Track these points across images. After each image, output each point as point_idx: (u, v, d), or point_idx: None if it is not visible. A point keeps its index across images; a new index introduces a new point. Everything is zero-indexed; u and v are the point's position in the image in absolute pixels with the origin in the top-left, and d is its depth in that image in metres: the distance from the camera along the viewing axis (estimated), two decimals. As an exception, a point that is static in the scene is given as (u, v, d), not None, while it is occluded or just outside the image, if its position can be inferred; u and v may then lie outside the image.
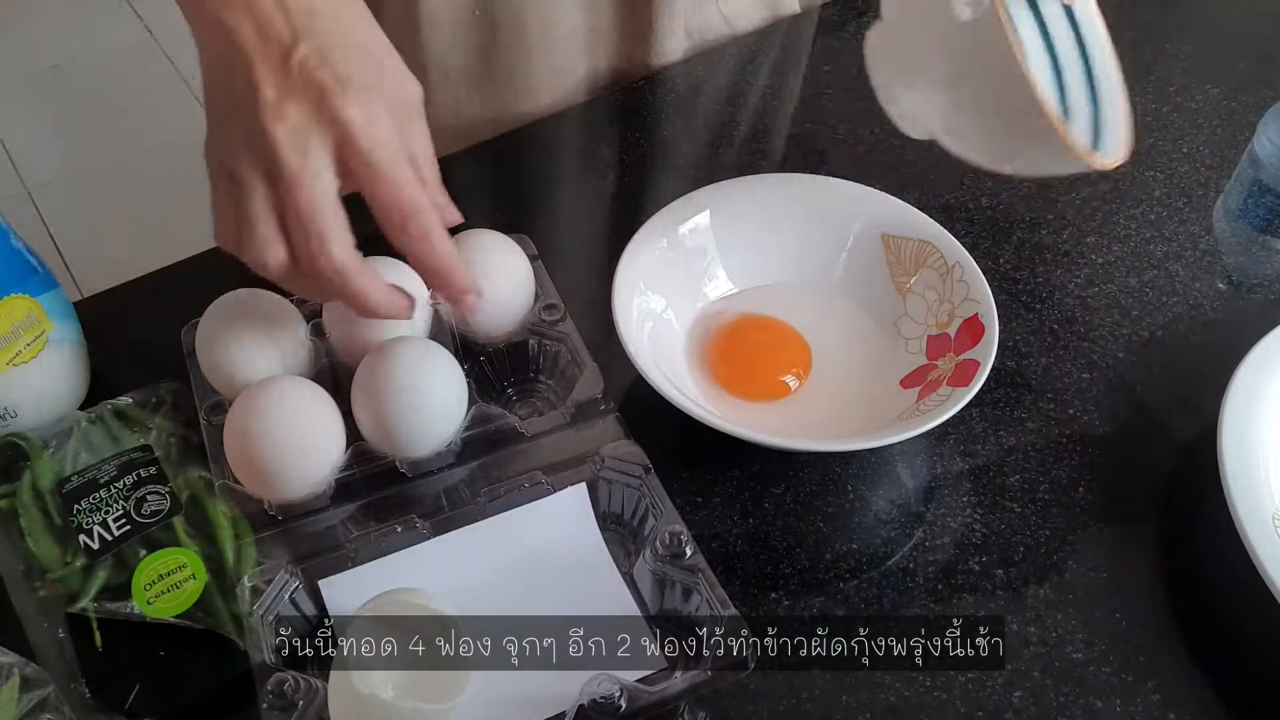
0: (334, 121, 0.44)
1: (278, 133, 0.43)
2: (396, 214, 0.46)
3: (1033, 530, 0.55)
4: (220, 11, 0.44)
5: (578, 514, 0.51)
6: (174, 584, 0.49)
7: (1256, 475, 0.52)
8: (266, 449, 0.49)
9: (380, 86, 0.45)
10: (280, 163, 0.43)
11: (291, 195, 0.44)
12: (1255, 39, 0.84)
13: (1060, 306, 0.65)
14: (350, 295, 0.46)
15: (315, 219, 0.44)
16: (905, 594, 0.52)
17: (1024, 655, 0.50)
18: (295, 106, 0.43)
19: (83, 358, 0.58)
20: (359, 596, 0.46)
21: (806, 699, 0.49)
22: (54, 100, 2.13)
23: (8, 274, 0.54)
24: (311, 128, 0.44)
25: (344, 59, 0.44)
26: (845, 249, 0.63)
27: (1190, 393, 0.61)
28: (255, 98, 0.43)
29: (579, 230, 0.69)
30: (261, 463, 0.49)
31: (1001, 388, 0.61)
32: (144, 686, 0.47)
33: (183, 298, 0.56)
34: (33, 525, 0.51)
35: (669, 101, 0.78)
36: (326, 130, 0.44)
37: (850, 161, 0.71)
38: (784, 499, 0.55)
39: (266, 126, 0.43)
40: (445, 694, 0.44)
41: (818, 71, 0.80)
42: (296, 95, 0.43)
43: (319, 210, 0.44)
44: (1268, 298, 0.66)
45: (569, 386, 0.55)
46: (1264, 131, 0.72)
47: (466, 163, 0.73)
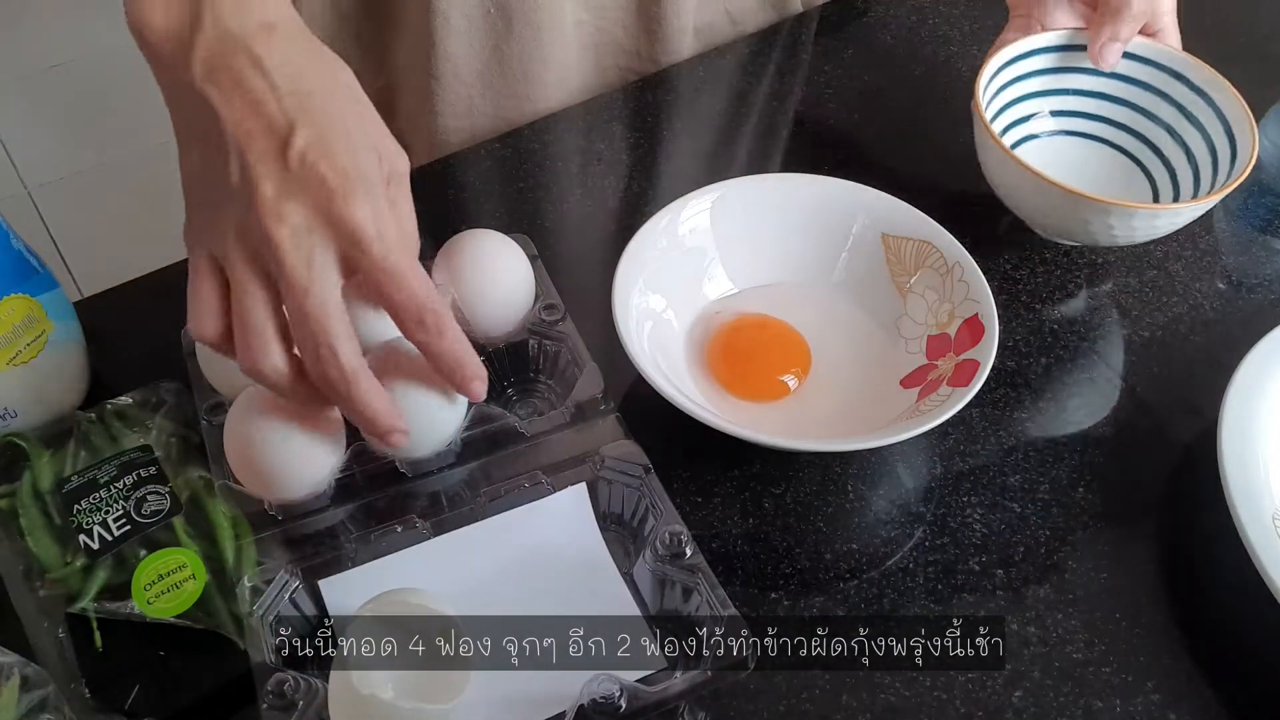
0: (341, 223, 0.41)
1: (280, 235, 0.40)
2: (413, 312, 0.44)
3: (1033, 530, 0.55)
4: (204, 85, 0.41)
5: (578, 514, 0.51)
6: (174, 584, 0.49)
7: (1256, 475, 0.52)
8: (266, 449, 0.49)
9: (379, 173, 0.43)
10: (284, 267, 0.41)
11: (297, 303, 0.41)
12: (1255, 39, 0.84)
13: (1060, 306, 0.65)
14: (353, 401, 0.44)
15: (325, 327, 0.42)
16: (905, 594, 0.52)
17: (1024, 655, 0.50)
18: (297, 206, 0.41)
19: (83, 358, 0.58)
20: (359, 596, 0.46)
21: (806, 699, 0.49)
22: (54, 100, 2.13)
23: (8, 274, 0.54)
24: (316, 229, 0.41)
25: (345, 148, 0.42)
26: (845, 249, 0.63)
27: (1190, 393, 0.61)
28: (252, 193, 0.41)
29: (579, 230, 0.69)
30: (261, 463, 0.49)
31: (1001, 388, 0.61)
32: (144, 686, 0.47)
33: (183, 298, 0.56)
34: (33, 525, 0.51)
35: (669, 101, 0.78)
36: (332, 233, 0.41)
37: (850, 161, 0.71)
38: (784, 499, 0.55)
39: (268, 228, 0.40)
40: (446, 694, 0.44)
41: (818, 71, 0.80)
42: (298, 193, 0.41)
43: (328, 317, 0.42)
44: (1268, 298, 0.66)
45: (569, 386, 0.55)
46: (1264, 131, 0.72)
47: (466, 163, 0.73)
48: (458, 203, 0.70)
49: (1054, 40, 0.67)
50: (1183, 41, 0.67)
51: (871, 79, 0.79)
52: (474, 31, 0.72)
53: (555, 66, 0.75)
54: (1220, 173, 0.62)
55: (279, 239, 0.41)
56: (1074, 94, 0.68)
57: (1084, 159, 0.68)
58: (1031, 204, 0.63)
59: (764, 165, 0.73)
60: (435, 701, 0.43)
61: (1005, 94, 0.67)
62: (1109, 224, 0.59)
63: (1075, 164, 0.67)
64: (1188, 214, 0.61)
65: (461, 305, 0.56)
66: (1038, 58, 0.67)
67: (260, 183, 0.41)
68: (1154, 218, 0.60)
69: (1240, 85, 0.79)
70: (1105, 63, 0.64)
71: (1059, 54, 0.67)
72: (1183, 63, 0.65)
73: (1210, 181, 0.62)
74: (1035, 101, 0.68)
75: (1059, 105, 0.68)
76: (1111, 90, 0.68)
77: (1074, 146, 0.69)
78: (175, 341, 0.55)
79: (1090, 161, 0.68)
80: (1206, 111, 0.64)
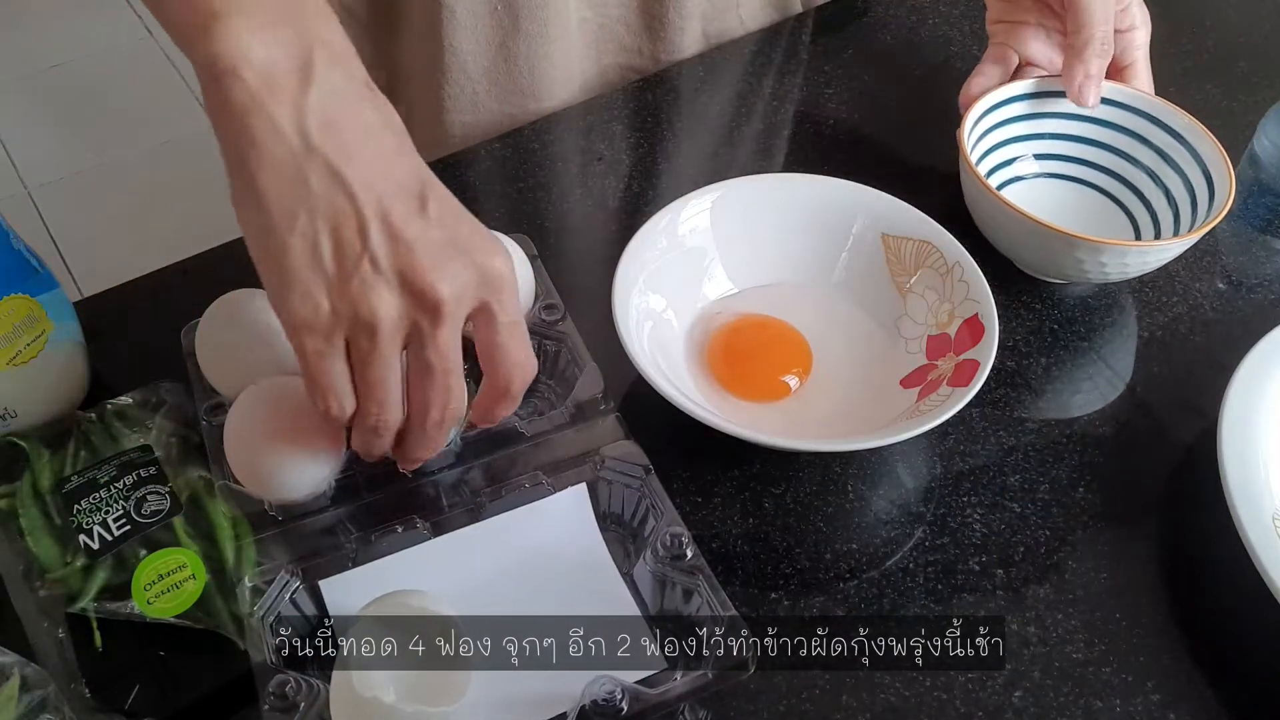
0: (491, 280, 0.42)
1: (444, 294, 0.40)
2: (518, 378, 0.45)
3: (1033, 530, 0.55)
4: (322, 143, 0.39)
5: (578, 514, 0.51)
6: (174, 584, 0.49)
7: (1256, 475, 0.52)
8: (266, 449, 0.49)
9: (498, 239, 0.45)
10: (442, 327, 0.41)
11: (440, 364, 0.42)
12: (1255, 39, 0.84)
13: (1060, 306, 0.65)
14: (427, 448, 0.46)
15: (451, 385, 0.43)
16: (905, 594, 0.52)
17: (1024, 655, 0.50)
18: (459, 267, 0.41)
19: (83, 358, 0.58)
20: (359, 597, 0.46)
21: (806, 699, 0.49)
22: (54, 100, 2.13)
23: (8, 274, 0.54)
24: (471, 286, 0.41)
25: (460, 205, 0.43)
26: (845, 249, 0.63)
27: (1190, 393, 0.61)
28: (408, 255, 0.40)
29: (579, 230, 0.69)
30: (261, 463, 0.49)
31: (1001, 388, 0.61)
32: (144, 686, 0.47)
33: (183, 298, 0.56)
34: (33, 525, 0.51)
35: (669, 101, 0.78)
36: (483, 290, 0.42)
37: (850, 161, 0.71)
38: (784, 499, 0.55)
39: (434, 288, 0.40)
40: (447, 697, 0.44)
41: (818, 71, 0.80)
42: (455, 254, 0.41)
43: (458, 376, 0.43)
44: (1268, 298, 0.66)
45: (569, 386, 0.55)
46: (1264, 131, 0.72)
47: (467, 162, 0.73)
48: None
49: (1030, 88, 0.68)
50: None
51: (871, 79, 0.79)
52: (480, 28, 0.73)
53: (561, 64, 0.75)
54: (1199, 213, 0.63)
55: (443, 298, 0.40)
56: (1055, 138, 0.70)
57: (1066, 200, 0.69)
58: (1017, 243, 0.64)
59: (764, 165, 0.73)
60: (437, 704, 0.43)
61: (989, 138, 0.68)
62: (1078, 259, 0.60)
63: (1059, 205, 0.68)
64: (1156, 254, 0.61)
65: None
66: (1018, 104, 0.68)
67: (416, 244, 0.40)
68: (1123, 254, 0.61)
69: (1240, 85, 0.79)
70: (1085, 100, 0.65)
71: (1037, 100, 0.68)
72: (1160, 109, 0.67)
73: (1190, 221, 0.64)
74: (1019, 145, 0.69)
75: (1041, 149, 0.70)
76: (1092, 135, 0.69)
77: (1058, 188, 0.70)
78: (175, 341, 0.55)
79: (1072, 202, 0.69)
80: (1184, 155, 0.66)
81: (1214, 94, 0.78)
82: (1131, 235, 0.67)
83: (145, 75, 2.14)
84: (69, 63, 2.18)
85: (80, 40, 2.22)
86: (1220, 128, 0.64)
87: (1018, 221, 0.61)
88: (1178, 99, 0.66)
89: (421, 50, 0.75)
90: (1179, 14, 0.86)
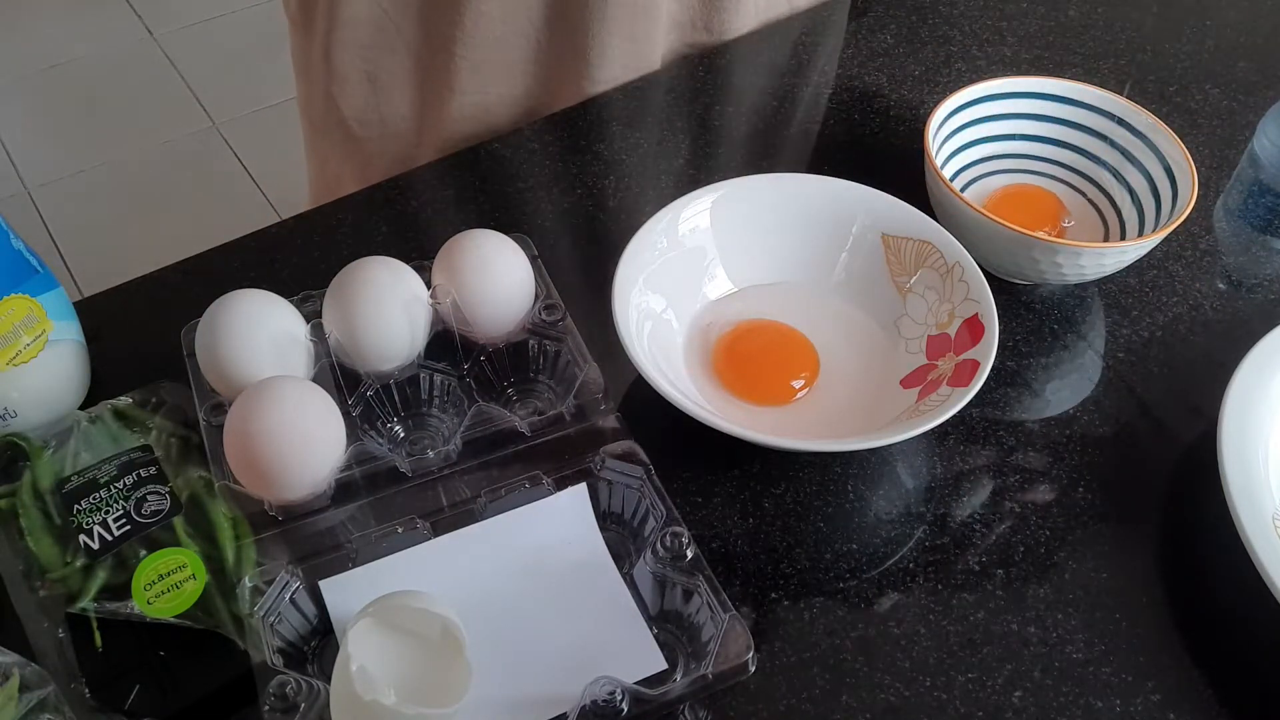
0: None
1: None
2: None
3: (1033, 530, 0.55)
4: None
5: (578, 514, 0.51)
6: (174, 584, 0.49)
7: (1256, 475, 0.52)
8: (266, 449, 0.49)
9: None
10: None
11: None
12: (1255, 39, 0.84)
13: (1060, 306, 0.65)
14: None
15: None
16: (905, 594, 0.52)
17: (1024, 655, 0.50)
18: None
19: (83, 358, 0.58)
20: (359, 597, 0.46)
21: (806, 699, 0.49)
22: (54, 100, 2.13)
23: (8, 274, 0.54)
24: None
25: None
26: (845, 249, 0.63)
27: (1190, 393, 0.61)
28: None
29: (579, 230, 0.69)
30: (261, 463, 0.49)
31: (1001, 388, 0.61)
32: (144, 686, 0.47)
33: (183, 298, 0.56)
34: (33, 525, 0.51)
35: (668, 101, 0.78)
36: None
37: (850, 161, 0.71)
38: (784, 499, 0.55)
39: None
40: (447, 698, 0.44)
41: (818, 71, 0.80)
42: None
43: None
44: (1268, 298, 0.66)
45: (569, 386, 0.55)
46: (1264, 131, 0.72)
47: (467, 162, 0.73)
48: (458, 203, 0.70)
49: (996, 88, 0.68)
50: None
51: (871, 79, 0.79)
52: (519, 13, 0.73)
53: (619, 39, 0.75)
54: (1163, 212, 0.64)
55: None
56: (1022, 139, 0.70)
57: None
58: (979, 243, 0.63)
59: (764, 165, 0.73)
60: (438, 705, 0.43)
61: (956, 139, 0.68)
62: (1034, 258, 0.61)
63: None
64: (1114, 256, 0.61)
65: (461, 305, 0.56)
66: (983, 105, 0.68)
67: None
68: (1078, 255, 0.60)
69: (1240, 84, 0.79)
70: None
71: (1003, 101, 0.69)
72: (1123, 109, 0.67)
73: (1155, 222, 0.64)
74: (986, 146, 0.70)
75: (1008, 149, 0.70)
76: (1057, 135, 0.69)
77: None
78: (175, 341, 0.55)
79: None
80: (1147, 154, 0.66)
81: (1214, 94, 0.78)
82: (1102, 237, 0.67)
83: (145, 75, 2.14)
84: (69, 63, 2.18)
85: (80, 40, 2.22)
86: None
87: (977, 221, 0.60)
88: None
89: (435, 39, 0.75)
90: (1179, 14, 0.86)
